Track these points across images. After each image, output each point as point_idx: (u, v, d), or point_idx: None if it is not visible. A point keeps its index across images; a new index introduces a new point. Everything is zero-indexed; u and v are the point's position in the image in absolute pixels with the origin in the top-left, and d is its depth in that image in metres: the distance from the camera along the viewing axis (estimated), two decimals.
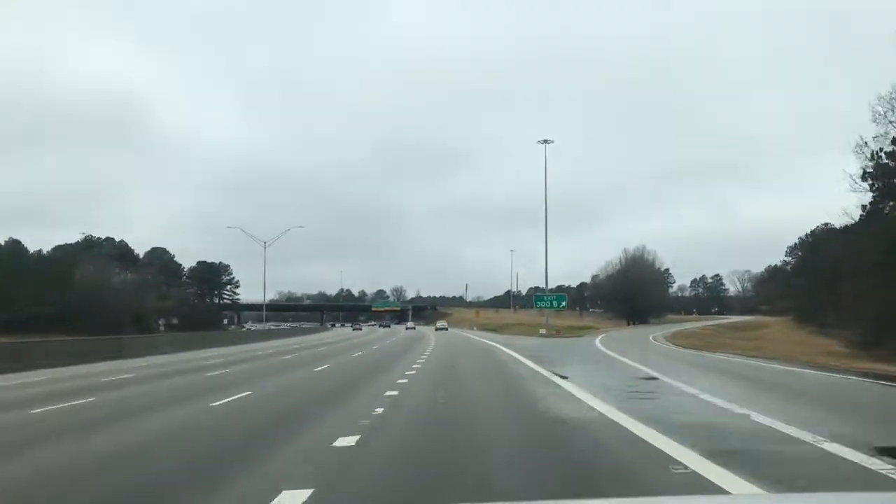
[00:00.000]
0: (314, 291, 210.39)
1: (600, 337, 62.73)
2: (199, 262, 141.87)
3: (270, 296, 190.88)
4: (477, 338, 68.58)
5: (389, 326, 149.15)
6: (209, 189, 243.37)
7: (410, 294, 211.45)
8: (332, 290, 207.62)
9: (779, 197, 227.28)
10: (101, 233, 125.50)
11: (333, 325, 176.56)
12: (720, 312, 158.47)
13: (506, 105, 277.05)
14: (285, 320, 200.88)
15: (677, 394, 17.05)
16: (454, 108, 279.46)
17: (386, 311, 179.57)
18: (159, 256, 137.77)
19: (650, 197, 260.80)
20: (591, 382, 19.47)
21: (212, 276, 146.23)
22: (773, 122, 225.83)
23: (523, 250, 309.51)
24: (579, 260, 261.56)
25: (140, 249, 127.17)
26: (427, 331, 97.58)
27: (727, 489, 6.86)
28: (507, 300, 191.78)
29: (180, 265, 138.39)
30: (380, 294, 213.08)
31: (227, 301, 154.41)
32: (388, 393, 16.66)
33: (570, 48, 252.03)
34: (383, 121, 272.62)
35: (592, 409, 13.50)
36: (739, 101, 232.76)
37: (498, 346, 48.59)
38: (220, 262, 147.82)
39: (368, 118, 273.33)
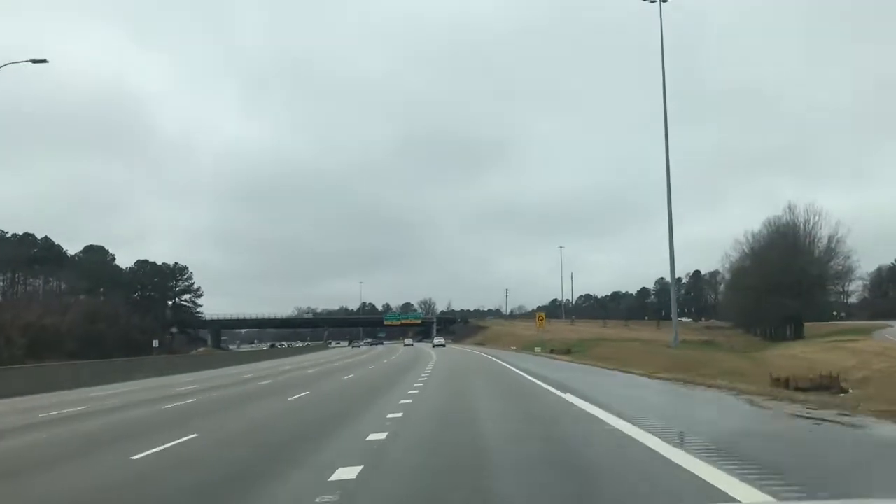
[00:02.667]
0: (336, 307, 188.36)
1: None
2: (138, 263, 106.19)
3: (289, 312, 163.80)
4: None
5: (382, 344, 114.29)
6: (215, 197, 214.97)
7: (441, 308, 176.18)
8: (354, 305, 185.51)
9: None
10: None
11: (330, 343, 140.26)
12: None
13: (544, 94, 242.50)
14: (289, 339, 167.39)
15: None
16: (487, 98, 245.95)
17: (403, 325, 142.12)
18: (94, 257, 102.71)
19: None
20: None
21: (159, 280, 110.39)
22: None
23: (564, 258, 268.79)
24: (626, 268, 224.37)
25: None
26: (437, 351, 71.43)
27: None
28: (553, 311, 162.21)
29: (119, 268, 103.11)
30: (406, 308, 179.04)
31: (197, 313, 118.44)
32: None
33: (618, 27, 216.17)
34: (407, 113, 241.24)
35: None
36: None
37: None
38: (176, 264, 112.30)
39: (390, 110, 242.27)
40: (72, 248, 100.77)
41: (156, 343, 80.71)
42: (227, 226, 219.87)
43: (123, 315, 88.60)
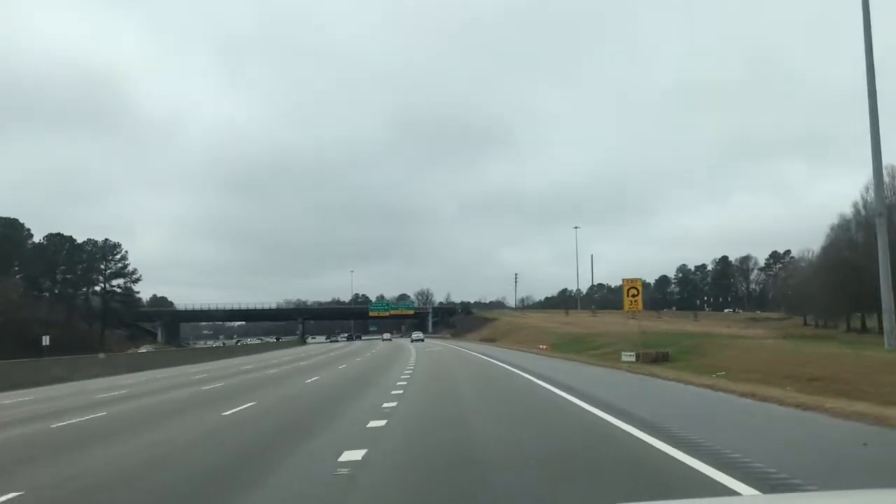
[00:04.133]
0: (328, 299, 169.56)
1: None
2: (49, 238, 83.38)
3: (278, 304, 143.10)
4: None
5: (360, 339, 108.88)
6: (196, 183, 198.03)
7: (439, 300, 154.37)
8: (347, 298, 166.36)
9: None
10: None
11: (311, 338, 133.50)
12: None
13: (550, 71, 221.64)
14: (277, 333, 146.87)
15: None
16: (488, 73, 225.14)
17: (392, 316, 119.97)
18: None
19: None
20: None
21: (88, 261, 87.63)
22: None
23: (568, 250, 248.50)
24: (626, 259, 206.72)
25: None
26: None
27: None
28: (564, 302, 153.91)
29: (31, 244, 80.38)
30: (402, 299, 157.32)
31: (134, 302, 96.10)
32: None
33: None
34: (399, 91, 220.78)
35: None
36: None
37: None
38: (107, 241, 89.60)
39: (382, 87, 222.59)
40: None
41: (46, 340, 58.63)
42: (209, 213, 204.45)
43: (14, 303, 66.11)
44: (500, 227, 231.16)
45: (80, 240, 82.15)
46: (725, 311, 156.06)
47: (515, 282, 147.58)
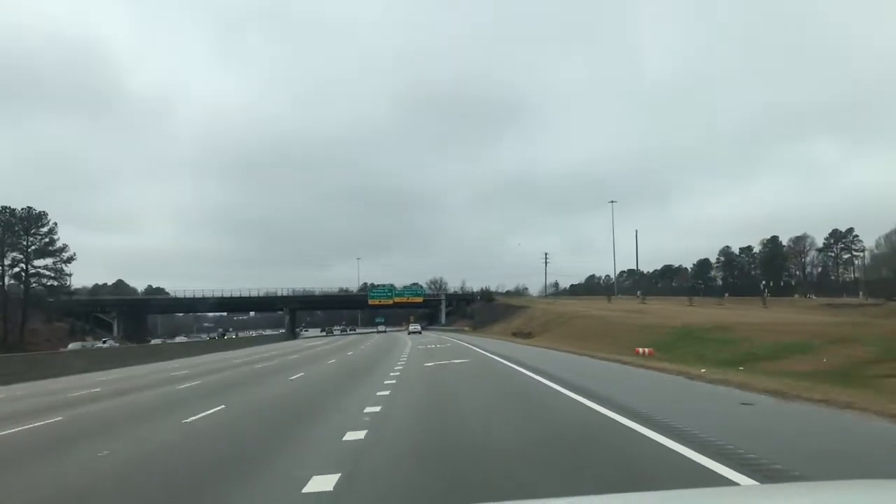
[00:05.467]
0: (334, 289, 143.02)
1: None
2: None
3: (267, 292, 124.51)
4: None
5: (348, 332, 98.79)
6: (193, 169, 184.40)
7: (453, 289, 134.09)
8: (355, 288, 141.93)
9: None
10: None
11: (304, 332, 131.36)
12: None
13: (568, 40, 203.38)
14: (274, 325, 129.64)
15: None
16: (503, 45, 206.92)
17: (397, 304, 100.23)
18: None
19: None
20: None
21: None
22: None
23: (588, 237, 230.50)
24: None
25: None
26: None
27: None
28: (593, 290, 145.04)
29: None
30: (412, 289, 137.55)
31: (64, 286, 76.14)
32: None
33: None
34: (406, 67, 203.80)
35: None
36: None
37: None
38: (30, 210, 69.67)
39: (388, 64, 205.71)
40: None
41: None
42: (204, 201, 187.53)
43: None
44: (515, 213, 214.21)
45: None
46: (795, 296, 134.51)
47: (546, 262, 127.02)
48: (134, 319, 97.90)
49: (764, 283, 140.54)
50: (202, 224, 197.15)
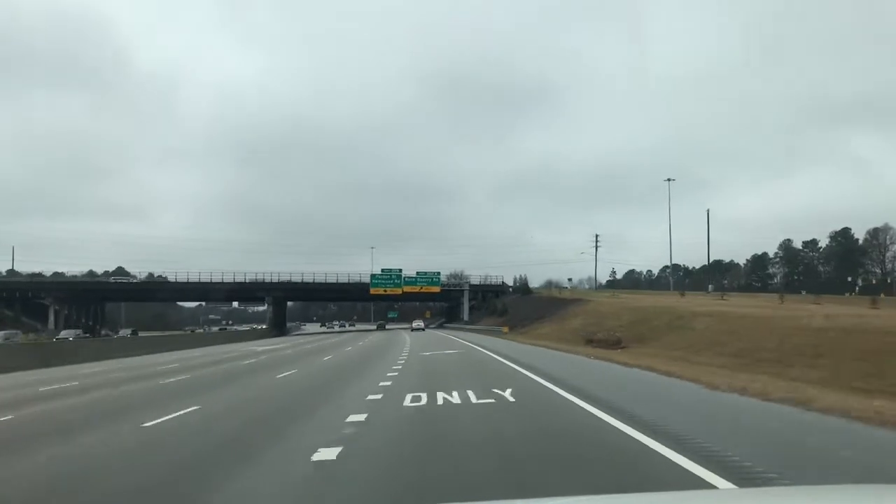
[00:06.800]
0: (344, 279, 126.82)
1: None
2: None
3: (248, 278, 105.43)
4: None
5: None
6: (200, 153, 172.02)
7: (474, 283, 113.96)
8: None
9: None
10: None
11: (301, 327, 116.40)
12: None
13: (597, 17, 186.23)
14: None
15: None
16: (528, 22, 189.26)
17: (407, 294, 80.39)
18: None
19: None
20: None
21: None
22: None
23: (615, 232, 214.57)
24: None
25: None
26: None
27: None
28: (634, 283, 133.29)
29: None
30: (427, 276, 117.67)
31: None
32: None
33: None
34: (426, 49, 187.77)
35: None
36: None
37: None
38: None
39: (407, 45, 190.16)
40: None
41: None
42: (213, 188, 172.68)
43: None
44: (536, 207, 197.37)
45: None
46: (881, 295, 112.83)
47: (596, 247, 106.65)
48: (83, 307, 79.26)
49: (850, 279, 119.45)
50: (211, 212, 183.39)
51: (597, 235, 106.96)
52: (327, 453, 7.62)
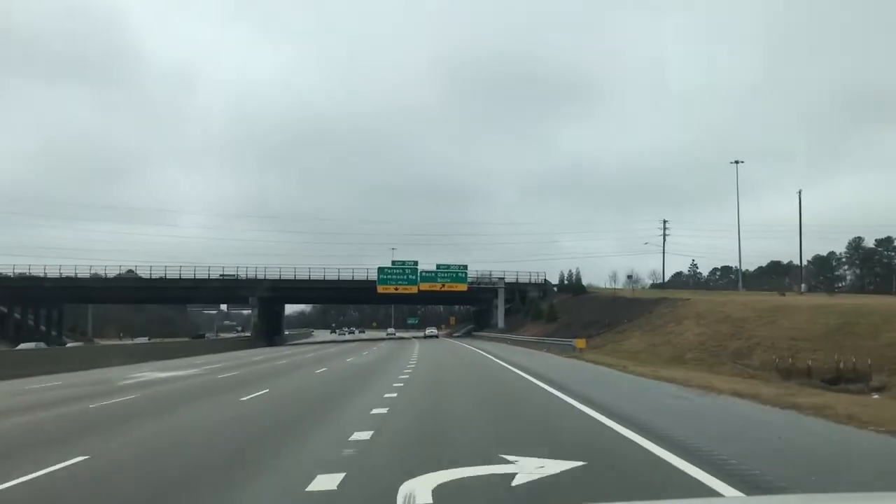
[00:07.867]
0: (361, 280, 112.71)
1: None
2: None
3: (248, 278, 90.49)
4: None
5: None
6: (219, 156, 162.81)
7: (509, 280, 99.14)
8: None
9: None
10: None
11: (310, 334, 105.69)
12: None
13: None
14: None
15: None
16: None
17: (423, 293, 65.12)
18: None
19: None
20: None
21: None
22: None
23: (637, 237, 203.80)
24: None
25: None
26: None
27: None
28: (680, 283, 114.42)
29: None
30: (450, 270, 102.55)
31: None
32: None
33: None
34: (451, 40, 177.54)
35: None
36: None
37: None
38: None
39: (431, 38, 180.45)
40: None
41: None
42: (228, 188, 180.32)
43: None
44: (572, 207, 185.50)
45: None
46: None
47: (664, 235, 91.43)
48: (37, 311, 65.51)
49: None
50: (213, 213, 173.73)
51: (664, 221, 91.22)
52: None
